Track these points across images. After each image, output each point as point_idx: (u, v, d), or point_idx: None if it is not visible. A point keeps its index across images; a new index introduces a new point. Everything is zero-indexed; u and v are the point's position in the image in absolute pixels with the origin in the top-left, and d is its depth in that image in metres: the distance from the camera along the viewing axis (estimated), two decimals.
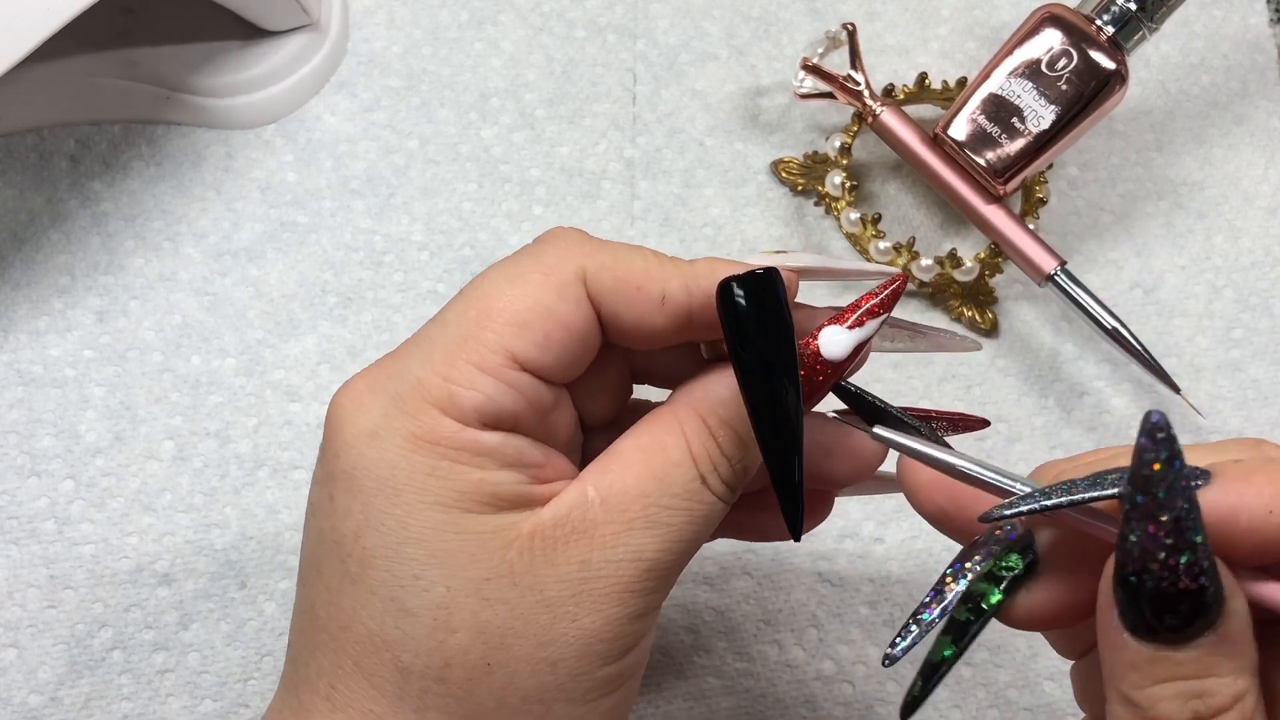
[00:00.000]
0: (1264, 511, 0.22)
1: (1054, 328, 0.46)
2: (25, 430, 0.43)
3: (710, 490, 0.28)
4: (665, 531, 0.28)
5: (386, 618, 0.27)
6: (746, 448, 0.29)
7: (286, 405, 0.44)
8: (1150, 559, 0.21)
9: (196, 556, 0.42)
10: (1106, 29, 0.44)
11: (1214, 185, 0.49)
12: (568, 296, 0.28)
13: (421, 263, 0.46)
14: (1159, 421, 0.22)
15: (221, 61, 0.47)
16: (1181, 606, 0.21)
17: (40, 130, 0.47)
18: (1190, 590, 0.21)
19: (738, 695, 0.41)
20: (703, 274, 0.28)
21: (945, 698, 0.41)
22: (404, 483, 0.27)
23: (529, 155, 0.48)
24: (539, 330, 0.27)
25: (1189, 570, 0.21)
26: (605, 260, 0.28)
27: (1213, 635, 0.22)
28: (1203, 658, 0.22)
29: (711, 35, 0.50)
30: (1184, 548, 0.21)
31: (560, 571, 0.27)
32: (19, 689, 0.40)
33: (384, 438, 0.27)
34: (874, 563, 0.43)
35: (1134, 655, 0.22)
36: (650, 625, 0.29)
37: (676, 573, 0.29)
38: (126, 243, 0.46)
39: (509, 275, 0.28)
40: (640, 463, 0.28)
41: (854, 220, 0.46)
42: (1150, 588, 0.21)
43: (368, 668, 0.27)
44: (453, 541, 0.27)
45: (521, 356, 0.27)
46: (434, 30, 0.50)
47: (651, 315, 0.28)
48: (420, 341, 0.28)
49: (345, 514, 0.27)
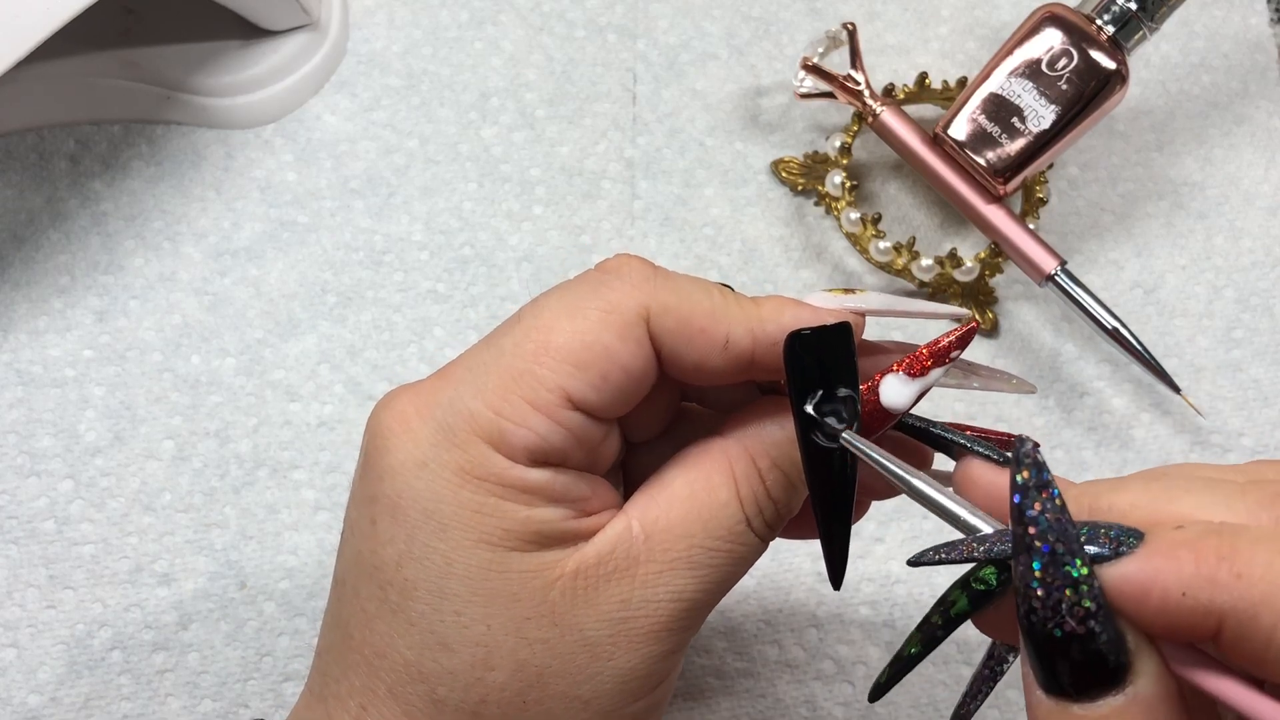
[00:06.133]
0: (1177, 594, 0.20)
1: (1054, 328, 0.46)
2: (25, 430, 0.43)
3: (754, 532, 0.28)
4: (706, 573, 0.28)
5: (425, 650, 0.27)
6: (794, 491, 0.29)
7: (286, 405, 0.44)
8: (1031, 597, 0.21)
9: (196, 556, 0.41)
10: (1107, 29, 0.44)
11: (1214, 185, 0.49)
12: (629, 338, 0.27)
13: (421, 262, 0.46)
14: (1025, 450, 0.21)
15: (221, 61, 0.47)
16: (1072, 653, 0.20)
17: (40, 130, 0.47)
18: (1078, 634, 0.20)
19: (738, 695, 0.41)
20: (769, 318, 0.28)
21: (945, 697, 0.41)
22: (450, 518, 0.27)
23: (529, 155, 0.48)
24: (596, 372, 0.27)
25: (1072, 610, 0.20)
26: (669, 301, 0.27)
27: (1119, 695, 0.20)
28: (1110, 718, 0.20)
29: (711, 35, 0.50)
30: (1061, 583, 0.20)
31: (600, 611, 0.27)
32: (19, 689, 0.40)
33: (432, 469, 0.27)
34: (874, 563, 0.43)
35: (1044, 712, 0.21)
36: (680, 659, 0.29)
37: (711, 609, 0.29)
38: (126, 242, 0.46)
39: (570, 309, 0.27)
40: (686, 499, 0.28)
41: (854, 220, 0.46)
42: (1038, 630, 0.21)
43: (402, 696, 0.27)
44: (496, 581, 0.27)
45: (576, 396, 0.27)
46: (434, 30, 0.50)
47: (713, 358, 0.28)
48: (473, 367, 0.27)
49: (388, 540, 0.27)
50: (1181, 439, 0.45)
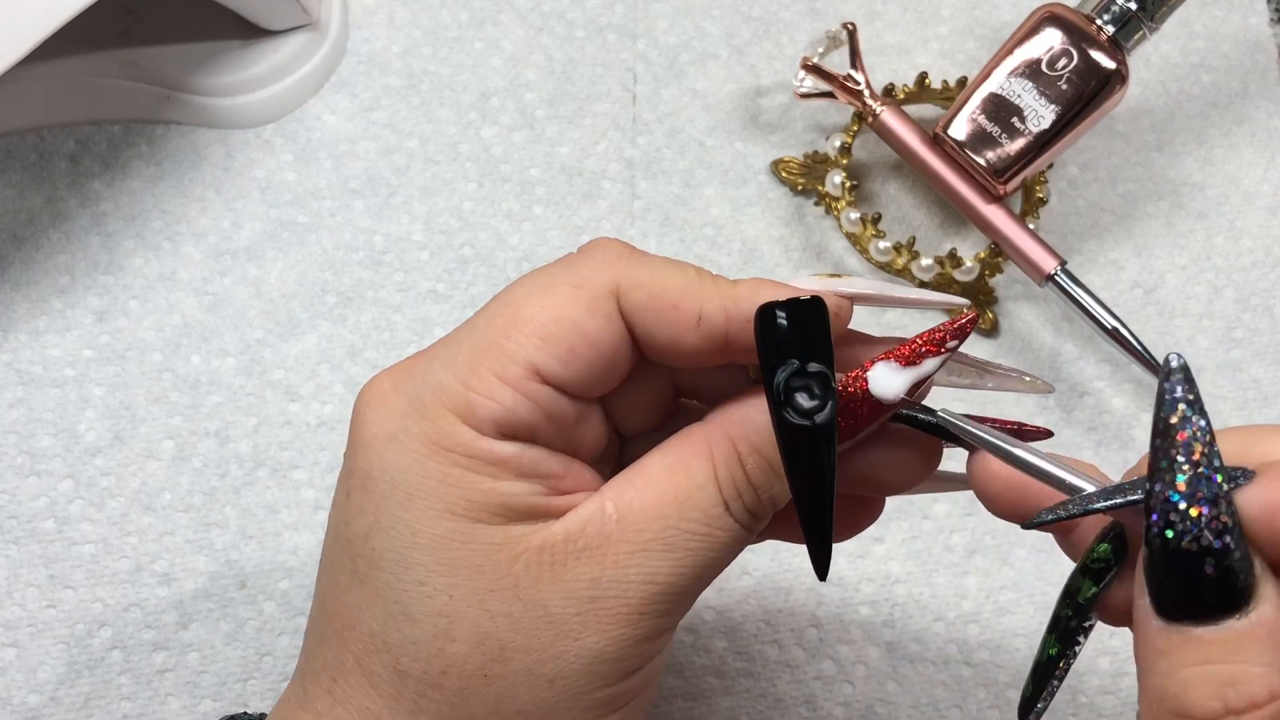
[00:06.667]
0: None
1: (1054, 328, 0.46)
2: (25, 430, 0.43)
3: (733, 517, 0.28)
4: (682, 555, 0.27)
5: (389, 620, 0.27)
6: (777, 478, 0.28)
7: (286, 405, 0.44)
8: (1171, 509, 0.21)
9: (196, 556, 0.41)
10: (1107, 29, 0.44)
11: (1214, 185, 0.49)
12: (597, 311, 0.27)
13: (421, 262, 0.46)
14: (1178, 364, 0.21)
15: (221, 61, 0.47)
16: (1206, 568, 0.20)
17: (40, 130, 0.47)
18: (1214, 549, 0.20)
19: (737, 695, 0.41)
20: (744, 296, 0.27)
21: (945, 698, 0.41)
22: (416, 488, 0.27)
23: (529, 155, 0.48)
24: (563, 344, 0.27)
25: (1211, 523, 0.20)
26: (641, 276, 0.27)
27: (1243, 618, 0.21)
28: (1232, 641, 0.21)
29: (711, 35, 0.50)
30: (1206, 495, 0.20)
31: (567, 588, 0.27)
32: (19, 688, 0.40)
33: (401, 440, 0.27)
34: (874, 562, 0.43)
35: (1163, 641, 0.21)
36: (660, 647, 0.29)
37: (693, 597, 0.28)
38: (126, 242, 0.46)
39: (540, 284, 0.28)
40: (663, 481, 0.27)
41: (854, 220, 0.46)
42: (1174, 545, 0.21)
43: (367, 666, 0.27)
44: (459, 551, 0.27)
45: (543, 369, 0.27)
46: (434, 30, 0.50)
47: (686, 335, 0.27)
48: (448, 344, 0.28)
49: (359, 513, 0.27)
50: None
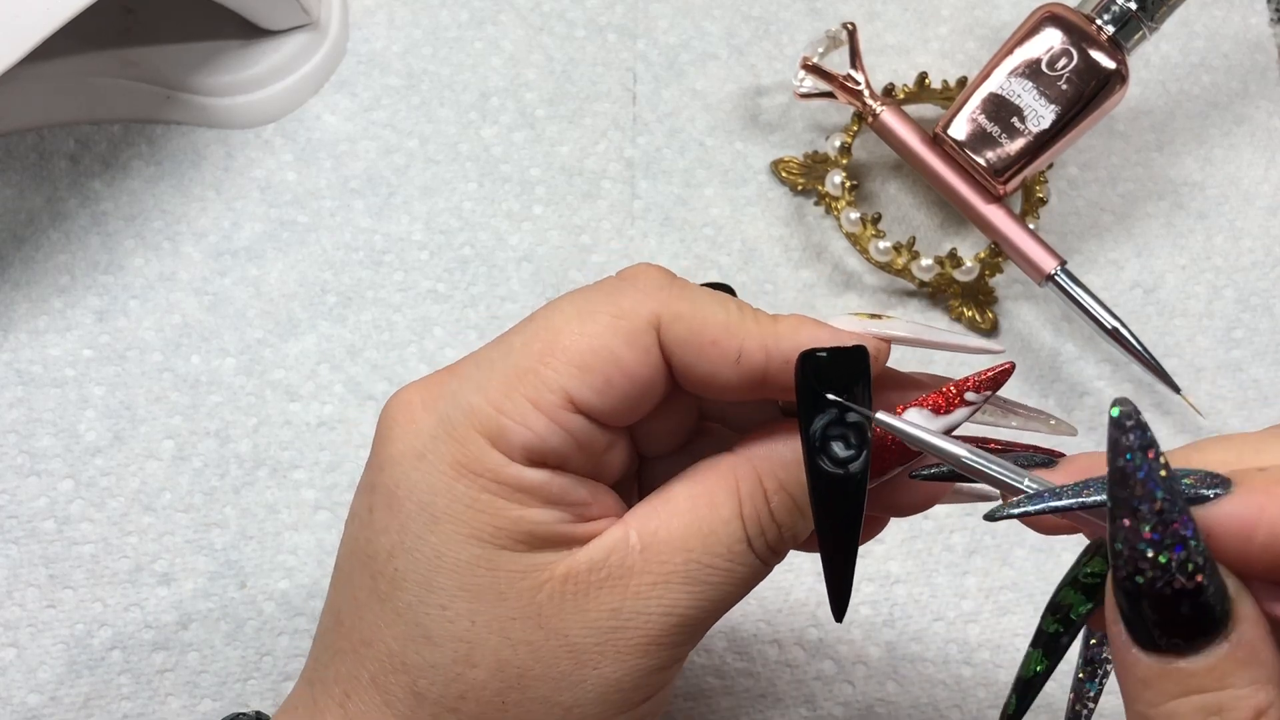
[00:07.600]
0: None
1: (1054, 328, 0.46)
2: (25, 430, 0.43)
3: (755, 553, 0.28)
4: (702, 589, 0.27)
5: (409, 642, 0.27)
6: (800, 517, 0.28)
7: (286, 405, 0.44)
8: (1139, 558, 0.20)
9: (196, 556, 0.41)
10: (1107, 29, 0.44)
11: (1214, 185, 0.49)
12: (636, 344, 0.27)
13: (421, 262, 0.46)
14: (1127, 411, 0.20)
15: (221, 61, 0.47)
16: (1182, 608, 0.20)
17: (40, 130, 0.47)
18: (1188, 590, 0.20)
19: (737, 695, 0.41)
20: (784, 335, 0.27)
21: (945, 698, 0.41)
22: (443, 510, 0.27)
23: (529, 155, 0.48)
24: (600, 375, 0.26)
25: (1182, 567, 0.20)
26: (682, 309, 0.27)
27: (1224, 643, 0.20)
28: (1216, 667, 0.20)
29: (711, 35, 0.50)
30: (1172, 541, 0.20)
31: (589, 618, 0.27)
32: (18, 688, 0.40)
33: (429, 461, 0.27)
34: (874, 563, 0.43)
35: (1145, 671, 0.21)
36: (673, 675, 0.29)
37: (708, 627, 0.28)
38: (126, 242, 0.46)
39: (580, 311, 0.27)
40: (688, 513, 0.27)
41: (854, 220, 0.46)
42: (1146, 590, 0.20)
43: (384, 685, 0.27)
44: (484, 577, 0.26)
45: (578, 399, 0.26)
46: (434, 30, 0.50)
47: (725, 372, 0.27)
48: (481, 363, 0.27)
49: (382, 530, 0.27)
50: (1181, 439, 0.45)
